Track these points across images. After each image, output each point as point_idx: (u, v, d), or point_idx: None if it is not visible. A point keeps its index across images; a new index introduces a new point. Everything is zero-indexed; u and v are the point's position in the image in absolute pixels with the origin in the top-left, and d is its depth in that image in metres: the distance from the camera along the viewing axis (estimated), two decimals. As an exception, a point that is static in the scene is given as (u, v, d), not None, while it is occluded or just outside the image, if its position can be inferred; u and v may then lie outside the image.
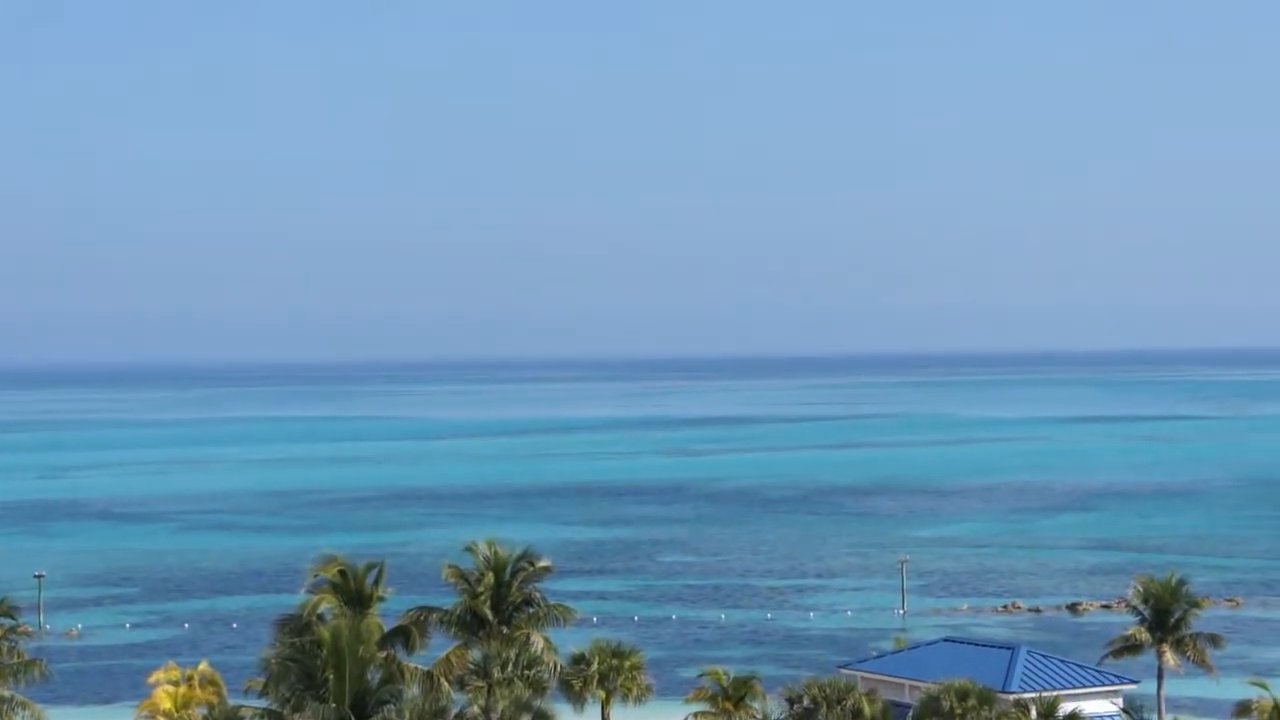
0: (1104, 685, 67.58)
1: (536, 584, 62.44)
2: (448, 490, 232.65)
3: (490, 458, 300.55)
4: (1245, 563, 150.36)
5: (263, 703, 53.50)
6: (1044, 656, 70.12)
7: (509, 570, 62.33)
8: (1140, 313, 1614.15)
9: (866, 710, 61.71)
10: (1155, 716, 71.45)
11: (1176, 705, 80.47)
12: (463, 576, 62.12)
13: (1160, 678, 73.24)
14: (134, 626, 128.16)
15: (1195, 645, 72.17)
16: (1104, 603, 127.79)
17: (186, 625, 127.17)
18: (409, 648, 58.93)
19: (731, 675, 65.69)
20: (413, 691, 55.40)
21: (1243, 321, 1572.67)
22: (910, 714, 62.01)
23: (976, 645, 74.50)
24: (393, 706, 47.67)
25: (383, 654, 54.54)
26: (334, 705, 47.01)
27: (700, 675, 67.25)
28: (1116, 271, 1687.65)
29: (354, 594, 58.81)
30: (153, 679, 65.12)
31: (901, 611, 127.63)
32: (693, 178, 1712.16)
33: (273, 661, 50.67)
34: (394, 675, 51.83)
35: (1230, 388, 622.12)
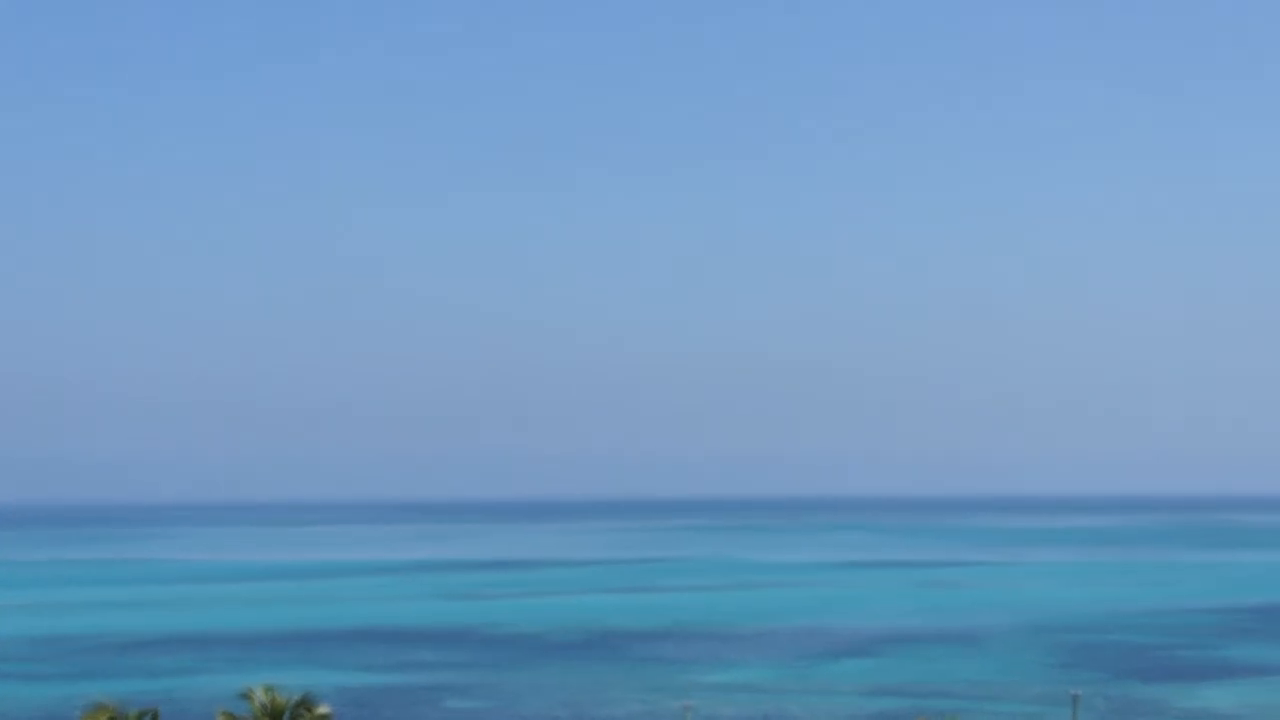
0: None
1: (315, 731, 60.95)
2: (222, 634, 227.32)
3: (267, 601, 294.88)
4: (1021, 708, 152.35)
5: None
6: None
7: (286, 717, 60.67)
8: (902, 458, 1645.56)
9: None
10: None
11: None
12: (238, 724, 60.45)
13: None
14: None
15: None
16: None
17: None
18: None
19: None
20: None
21: (1015, 468, 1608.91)
22: None
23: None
24: None
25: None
26: None
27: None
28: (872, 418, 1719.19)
29: (124, 743, 56.82)
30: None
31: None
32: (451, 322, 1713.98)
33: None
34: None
35: (1005, 534, 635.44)
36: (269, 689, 61.21)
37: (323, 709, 61.14)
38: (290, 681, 71.79)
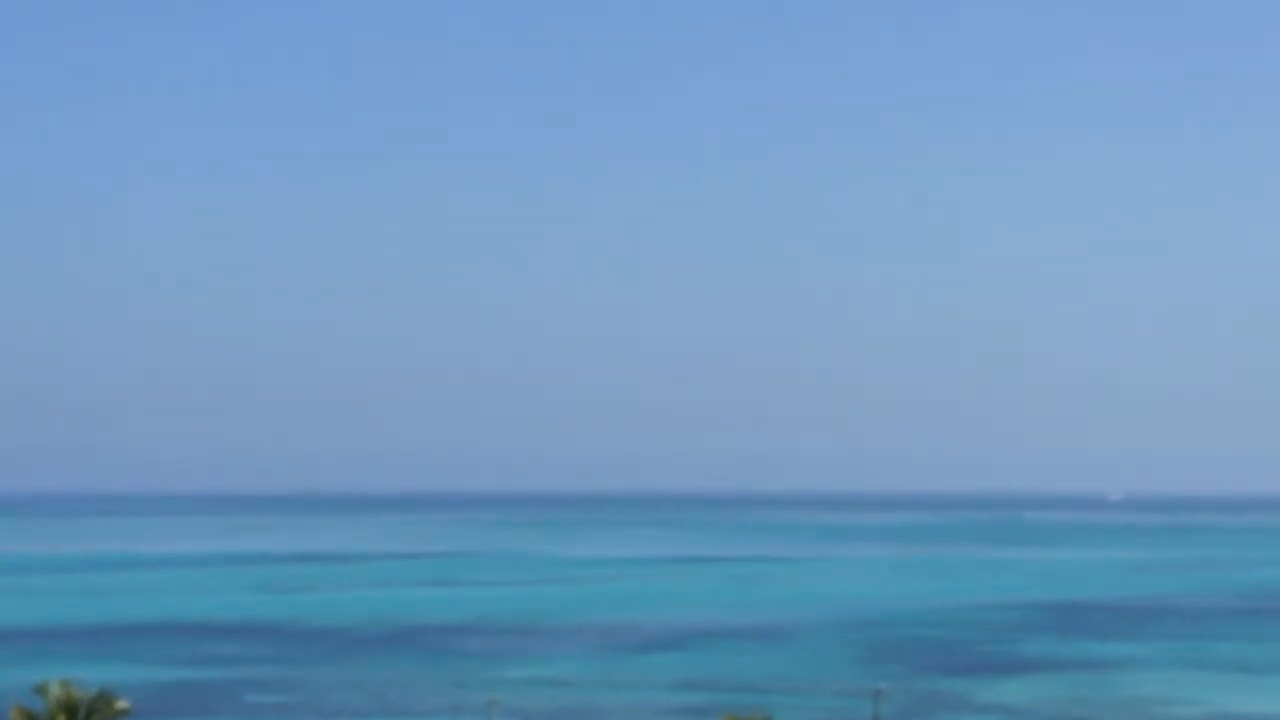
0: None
1: (112, 727, 59.93)
2: (18, 628, 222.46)
3: (66, 594, 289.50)
4: (826, 702, 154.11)
5: None
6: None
7: (83, 712, 59.66)
8: (738, 456, 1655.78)
9: None
10: None
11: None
12: (32, 719, 59.36)
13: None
14: None
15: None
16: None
17: None
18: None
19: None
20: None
21: (833, 466, 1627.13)
22: None
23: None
24: None
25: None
26: None
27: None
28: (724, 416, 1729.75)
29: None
30: None
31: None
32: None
33: None
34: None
35: (817, 530, 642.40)
36: (64, 683, 60.14)
37: (121, 703, 60.18)
38: (89, 676, 70.61)
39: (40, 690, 61.02)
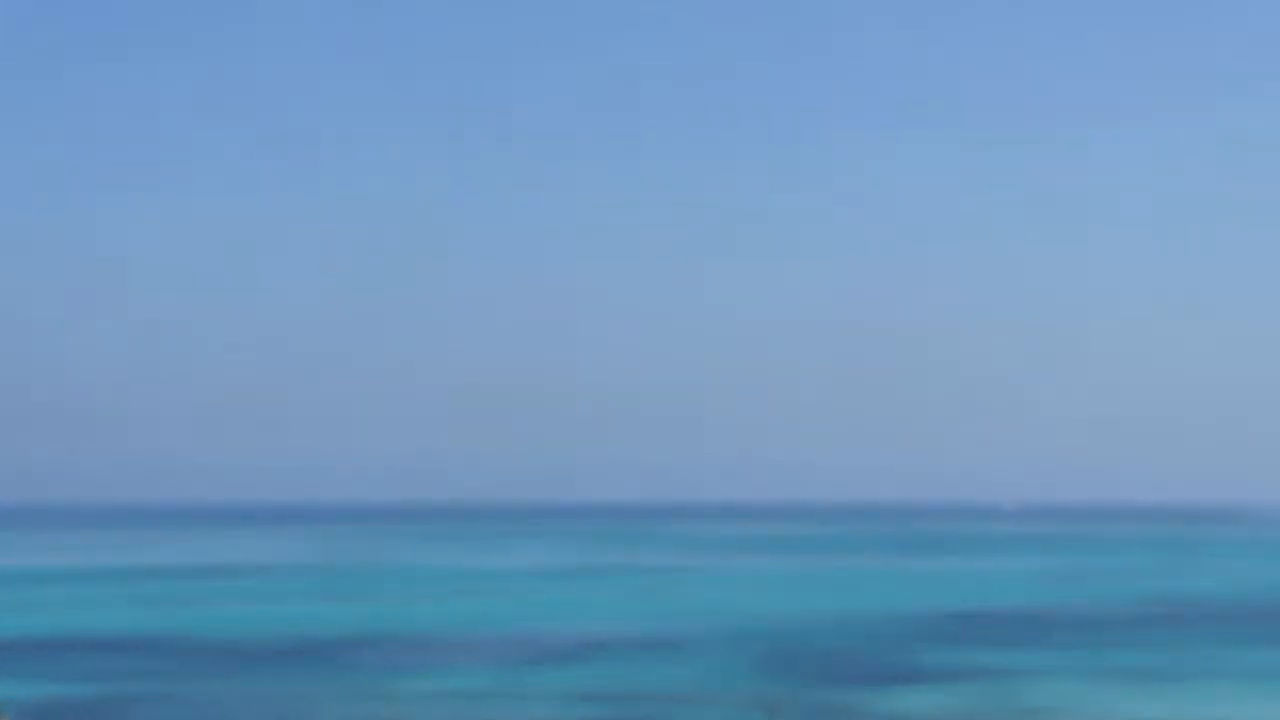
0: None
1: (-9, 746, 58.42)
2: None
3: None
4: (721, 712, 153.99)
5: None
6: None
7: (-39, 731, 58.16)
8: (640, 466, 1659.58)
9: None
10: None
11: None
12: (-92, 739, 57.72)
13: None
14: None
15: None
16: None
17: None
18: None
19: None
20: None
21: (730, 476, 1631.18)
22: None
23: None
24: None
25: None
26: None
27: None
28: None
29: None
30: None
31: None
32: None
33: None
34: None
35: (719, 540, 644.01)
36: (-57, 702, 58.54)
37: (2, 722, 58.64)
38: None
39: (-83, 709, 59.40)
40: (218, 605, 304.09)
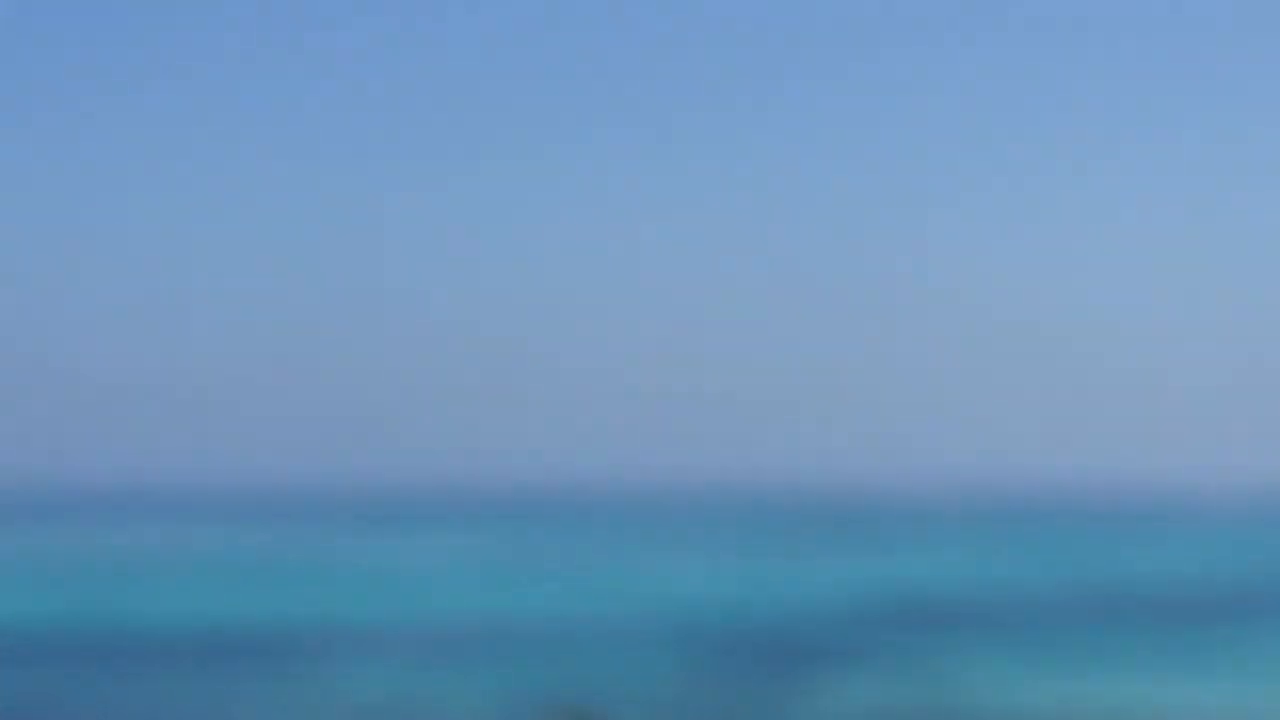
0: None
1: None
2: None
3: None
4: (660, 699, 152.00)
5: None
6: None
7: None
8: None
9: None
10: None
11: None
12: None
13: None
14: None
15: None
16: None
17: None
18: None
19: None
20: None
21: (673, 462, 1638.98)
22: None
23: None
24: None
25: None
26: None
27: None
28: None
29: None
30: None
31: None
32: None
33: None
34: None
35: (647, 526, 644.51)
36: None
37: None
38: None
39: None
40: (136, 600, 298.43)
